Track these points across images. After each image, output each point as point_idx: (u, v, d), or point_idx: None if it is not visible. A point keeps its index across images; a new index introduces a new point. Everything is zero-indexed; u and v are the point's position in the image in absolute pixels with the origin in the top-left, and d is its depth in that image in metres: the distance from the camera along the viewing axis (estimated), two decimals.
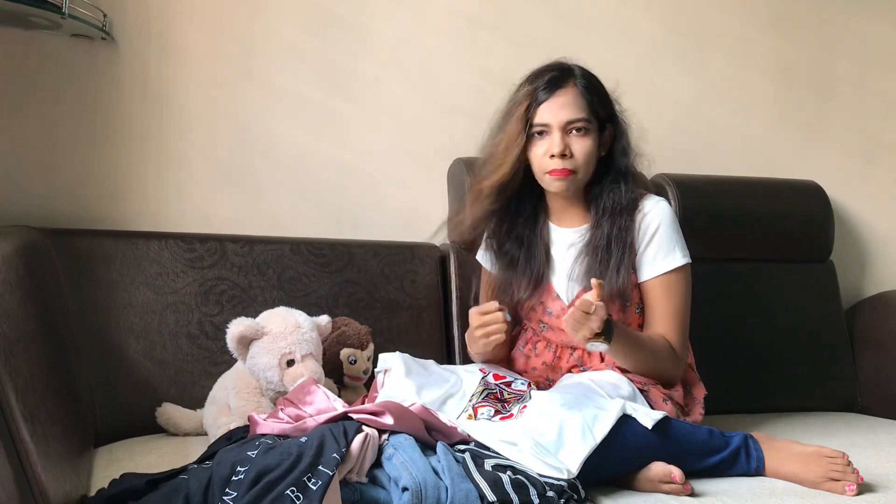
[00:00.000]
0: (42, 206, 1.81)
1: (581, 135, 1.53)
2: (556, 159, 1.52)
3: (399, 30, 2.04)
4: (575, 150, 1.53)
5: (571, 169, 1.53)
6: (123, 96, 1.86)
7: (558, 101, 1.53)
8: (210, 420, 1.55)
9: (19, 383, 1.07)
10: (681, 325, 1.57)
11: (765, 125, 2.30)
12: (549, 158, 1.53)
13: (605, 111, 1.57)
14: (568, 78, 1.55)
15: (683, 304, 1.57)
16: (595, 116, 1.55)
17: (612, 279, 1.54)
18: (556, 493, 1.19)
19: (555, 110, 1.53)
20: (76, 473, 1.27)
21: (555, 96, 1.53)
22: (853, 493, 1.31)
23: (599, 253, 1.55)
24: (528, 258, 1.62)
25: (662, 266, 1.56)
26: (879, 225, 2.38)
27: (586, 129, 1.53)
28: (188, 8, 1.90)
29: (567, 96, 1.53)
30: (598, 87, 1.57)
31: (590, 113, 1.54)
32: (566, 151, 1.52)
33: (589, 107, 1.54)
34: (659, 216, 1.57)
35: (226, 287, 1.76)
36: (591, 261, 1.56)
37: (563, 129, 1.52)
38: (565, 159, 1.52)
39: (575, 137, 1.53)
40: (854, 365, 2.13)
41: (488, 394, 1.50)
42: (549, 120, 1.53)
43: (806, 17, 2.32)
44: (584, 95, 1.54)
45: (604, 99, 1.57)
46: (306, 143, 1.98)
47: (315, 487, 1.09)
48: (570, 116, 1.52)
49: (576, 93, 1.54)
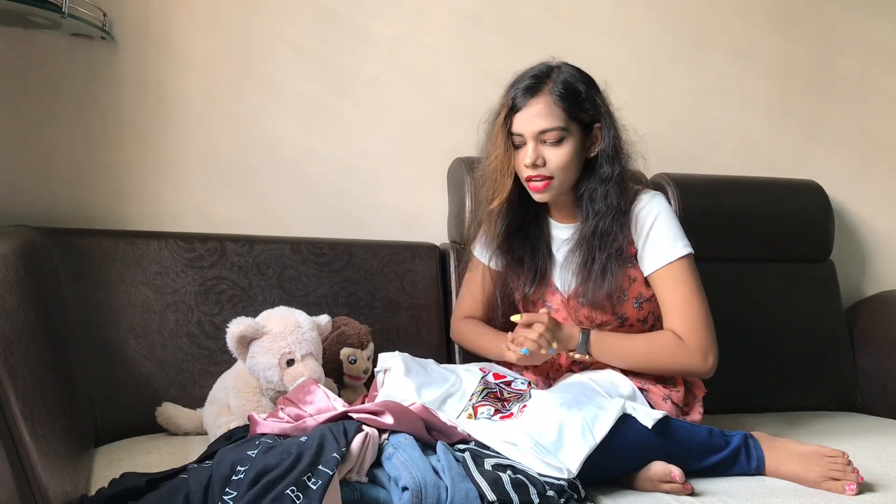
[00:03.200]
0: (42, 206, 1.81)
1: (554, 144, 1.51)
2: (530, 169, 1.53)
3: (399, 30, 2.04)
4: (549, 159, 1.52)
5: (547, 176, 1.53)
6: (123, 96, 1.86)
7: (531, 111, 1.51)
8: (210, 420, 1.55)
9: (19, 383, 1.07)
10: (692, 314, 1.53)
11: (765, 125, 2.30)
12: (525, 167, 1.54)
13: (588, 114, 1.54)
14: (543, 85, 1.52)
15: (691, 292, 1.55)
16: (574, 121, 1.52)
17: (597, 280, 1.54)
18: (556, 492, 1.19)
19: (527, 119, 1.52)
20: (76, 473, 1.27)
21: (528, 105, 1.52)
22: (853, 492, 1.32)
23: (589, 253, 1.56)
24: (533, 254, 1.63)
25: (663, 258, 1.56)
26: (879, 225, 2.38)
27: (561, 138, 1.51)
28: (188, 8, 1.90)
29: (539, 105, 1.51)
30: (575, 91, 1.53)
31: (566, 119, 1.51)
32: (538, 161, 1.51)
33: (565, 113, 1.51)
34: (655, 210, 1.57)
35: (226, 287, 1.76)
36: (580, 258, 1.57)
37: (536, 139, 1.52)
38: (537, 168, 1.52)
39: (549, 147, 1.52)
40: (854, 365, 2.13)
41: (488, 393, 1.50)
42: (523, 130, 1.52)
43: (806, 17, 2.32)
44: (559, 102, 1.51)
45: (584, 102, 1.53)
46: (306, 143, 1.98)
47: (315, 487, 1.09)
48: (542, 126, 1.51)
49: (548, 101, 1.51)
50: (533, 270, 1.63)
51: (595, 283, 1.54)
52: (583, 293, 1.56)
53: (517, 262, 1.64)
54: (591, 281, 1.54)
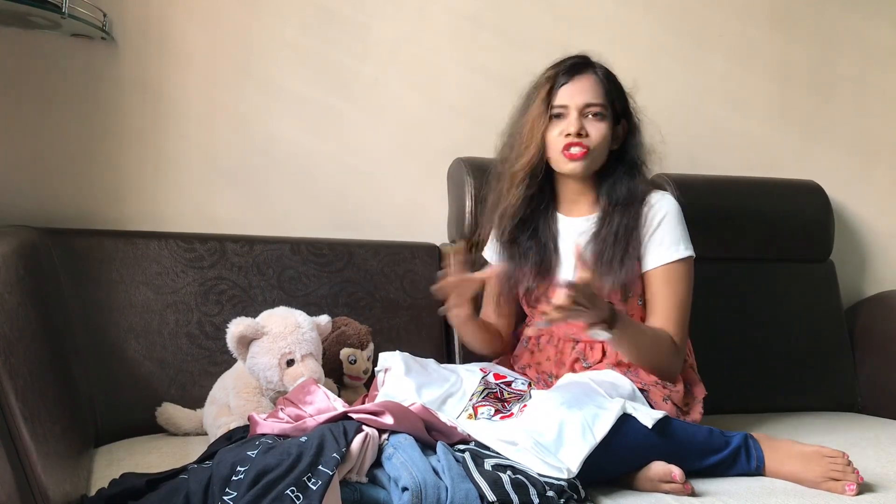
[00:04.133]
0: (42, 206, 1.81)
1: (597, 119, 1.57)
2: (573, 137, 1.55)
3: (399, 30, 2.04)
4: (591, 131, 1.57)
5: (587, 146, 1.56)
6: (123, 96, 1.86)
7: (577, 85, 1.58)
8: (210, 420, 1.55)
9: (19, 383, 1.07)
10: (681, 318, 1.57)
11: (765, 125, 2.30)
12: (565, 137, 1.56)
13: (620, 104, 1.62)
14: (588, 66, 1.61)
15: (685, 296, 1.58)
16: (611, 106, 1.59)
17: (616, 271, 1.55)
18: (556, 492, 1.19)
19: (574, 93, 1.57)
20: (76, 473, 1.27)
21: (574, 80, 1.58)
22: (853, 492, 1.31)
23: (607, 245, 1.57)
24: (539, 248, 1.64)
25: (666, 256, 1.58)
26: (879, 225, 2.37)
27: (602, 115, 1.58)
28: (188, 8, 1.90)
29: (586, 81, 1.58)
30: (615, 81, 1.63)
31: (606, 101, 1.58)
32: (582, 131, 1.56)
33: (606, 95, 1.59)
34: (665, 207, 1.61)
35: (226, 287, 1.76)
36: (597, 251, 1.58)
37: (580, 112, 1.56)
38: (581, 137, 1.56)
39: (591, 121, 1.57)
40: (854, 365, 2.13)
41: (488, 393, 1.50)
42: (568, 101, 1.57)
43: (806, 17, 2.32)
44: (603, 83, 1.59)
45: (620, 93, 1.63)
46: (306, 143, 1.98)
47: (315, 487, 1.09)
48: (588, 100, 1.57)
49: (595, 79, 1.59)
50: (538, 265, 1.63)
51: (610, 278, 1.55)
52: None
53: (523, 256, 1.65)
54: (606, 275, 1.55)
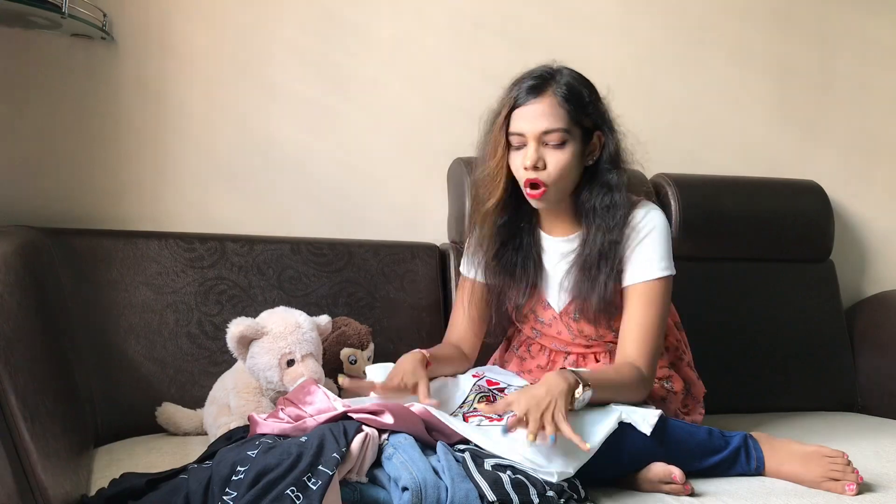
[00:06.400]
0: (42, 206, 1.81)
1: (556, 147, 1.45)
2: (529, 171, 1.46)
3: (399, 30, 2.04)
4: (549, 162, 1.45)
5: (544, 183, 1.46)
6: (123, 96, 1.86)
7: (535, 110, 1.45)
8: (210, 420, 1.55)
9: (19, 383, 1.07)
10: (653, 341, 1.47)
11: (765, 125, 2.30)
12: (524, 170, 1.47)
13: (590, 119, 1.49)
14: (547, 86, 1.47)
15: (659, 317, 1.49)
16: (577, 125, 1.47)
17: (601, 293, 1.49)
18: (556, 492, 1.19)
19: (530, 119, 1.46)
20: (76, 473, 1.27)
21: (531, 104, 1.46)
22: (853, 492, 1.32)
23: (589, 268, 1.51)
24: (524, 264, 1.58)
25: (646, 273, 1.49)
26: (879, 225, 2.38)
27: (563, 141, 1.45)
28: (188, 8, 1.90)
29: (543, 105, 1.45)
30: (579, 95, 1.48)
31: (569, 122, 1.45)
32: (539, 163, 1.45)
33: (568, 115, 1.45)
34: (650, 224, 1.51)
35: (226, 287, 1.76)
36: (580, 275, 1.52)
37: (538, 140, 1.45)
38: (538, 171, 1.45)
39: (550, 150, 1.45)
40: (854, 365, 2.13)
41: (481, 398, 1.48)
42: (525, 129, 1.46)
43: (806, 17, 2.32)
44: (563, 104, 1.45)
45: (587, 106, 1.49)
46: (306, 143, 1.98)
47: (315, 487, 1.09)
48: (546, 126, 1.44)
49: (553, 101, 1.45)
50: (524, 282, 1.57)
51: (595, 299, 1.49)
52: (578, 308, 1.53)
53: (508, 273, 1.59)
54: (591, 297, 1.49)
